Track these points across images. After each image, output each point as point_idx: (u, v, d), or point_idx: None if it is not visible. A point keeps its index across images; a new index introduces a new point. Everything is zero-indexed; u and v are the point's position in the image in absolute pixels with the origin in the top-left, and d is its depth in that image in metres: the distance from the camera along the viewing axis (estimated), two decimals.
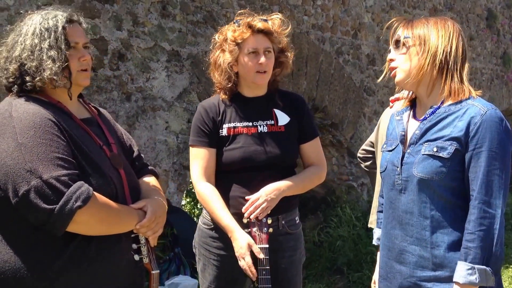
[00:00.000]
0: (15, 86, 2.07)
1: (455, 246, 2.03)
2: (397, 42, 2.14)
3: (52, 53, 2.03)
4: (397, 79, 2.16)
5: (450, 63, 2.06)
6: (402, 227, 2.14)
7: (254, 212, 2.62)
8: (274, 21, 2.78)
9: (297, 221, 2.87)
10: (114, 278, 2.09)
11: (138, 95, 4.94)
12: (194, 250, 2.93)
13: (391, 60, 2.17)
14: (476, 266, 1.93)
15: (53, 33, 2.05)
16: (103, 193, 2.02)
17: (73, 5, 4.53)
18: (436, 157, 2.03)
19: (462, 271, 1.95)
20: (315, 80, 6.70)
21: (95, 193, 1.96)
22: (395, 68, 2.15)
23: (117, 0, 4.82)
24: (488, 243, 1.94)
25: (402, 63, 2.13)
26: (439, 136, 2.05)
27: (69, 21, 2.11)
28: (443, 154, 2.01)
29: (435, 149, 2.03)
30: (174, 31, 5.22)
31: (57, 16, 2.09)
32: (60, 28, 2.06)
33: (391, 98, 3.67)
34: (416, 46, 2.09)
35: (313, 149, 2.87)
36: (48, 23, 2.06)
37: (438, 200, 2.04)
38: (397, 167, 2.15)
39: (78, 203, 1.88)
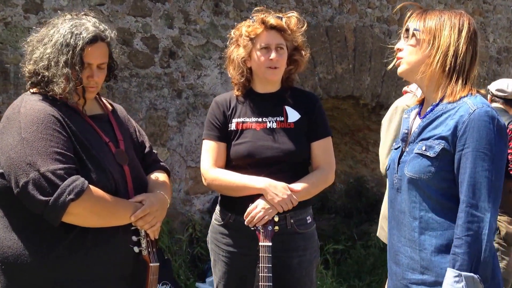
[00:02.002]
0: (30, 82, 2.18)
1: (443, 250, 1.93)
2: (407, 31, 2.06)
3: (66, 71, 2.09)
4: (400, 69, 2.09)
5: (458, 65, 1.96)
6: (398, 227, 2.07)
7: (252, 222, 2.61)
8: (290, 19, 2.78)
9: (309, 221, 2.81)
10: (111, 268, 2.15)
11: (189, 92, 5.00)
12: (208, 245, 2.95)
13: (399, 49, 2.08)
14: (463, 273, 1.82)
15: (71, 51, 2.10)
16: (102, 187, 2.09)
17: (124, 5, 4.67)
18: (424, 156, 1.95)
19: (449, 278, 1.83)
20: (380, 76, 6.48)
21: (90, 186, 2.03)
22: (401, 58, 2.07)
23: None
24: (476, 248, 1.83)
25: (408, 55, 2.04)
26: (432, 135, 1.97)
27: (93, 40, 2.13)
28: (430, 153, 1.94)
29: (423, 148, 1.96)
30: (227, 28, 5.22)
31: (82, 34, 2.12)
32: (78, 48, 2.10)
33: (404, 89, 3.52)
34: (425, 41, 2.00)
35: (321, 148, 2.79)
36: (71, 38, 2.10)
37: (427, 201, 1.96)
38: (396, 166, 2.10)
39: (71, 196, 1.96)
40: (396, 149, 2.17)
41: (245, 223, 2.62)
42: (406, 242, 2.01)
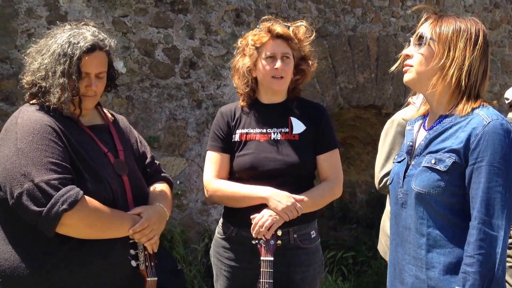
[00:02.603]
0: (29, 93, 2.19)
1: (452, 268, 1.85)
2: (419, 39, 1.95)
3: (62, 80, 2.10)
4: (406, 78, 2.00)
5: (472, 80, 1.90)
6: (403, 244, 1.99)
7: (260, 232, 2.56)
8: (299, 28, 2.73)
9: (313, 235, 2.75)
10: (107, 281, 2.14)
11: (209, 102, 5.03)
12: (211, 259, 2.93)
13: (407, 56, 1.99)
14: None
15: (68, 61, 2.11)
16: (99, 198, 2.08)
17: (147, 16, 4.72)
18: (433, 170, 1.87)
19: None
20: (403, 85, 6.38)
21: (86, 197, 2.02)
22: (410, 66, 1.98)
23: (190, 9, 4.94)
24: (489, 268, 1.76)
25: (418, 65, 1.95)
26: (440, 148, 1.89)
27: (91, 49, 2.13)
28: (440, 167, 1.86)
29: (433, 161, 1.88)
30: None
31: (79, 43, 2.13)
32: (75, 58, 2.11)
33: (408, 100, 3.47)
34: (440, 52, 1.91)
35: (328, 161, 2.74)
36: (68, 48, 2.11)
37: (435, 217, 1.88)
38: (401, 180, 2.02)
39: (64, 206, 1.95)
40: (399, 162, 2.09)
41: (253, 234, 2.56)
42: (411, 260, 1.94)
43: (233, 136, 2.74)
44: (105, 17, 4.54)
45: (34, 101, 2.18)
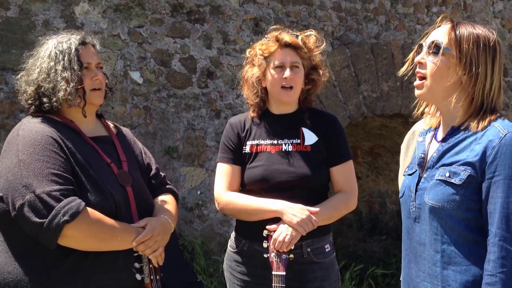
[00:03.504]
0: (33, 107, 2.19)
1: (469, 286, 1.75)
2: (435, 46, 1.83)
3: (66, 74, 2.13)
4: (419, 92, 1.89)
5: (492, 95, 1.81)
6: (416, 260, 1.89)
7: (281, 247, 2.45)
8: (309, 38, 2.65)
9: (327, 249, 2.65)
10: None
11: (228, 112, 4.99)
12: (224, 273, 2.84)
13: (420, 63, 1.87)
14: None
15: (67, 55, 2.15)
16: (101, 209, 2.05)
17: (163, 26, 4.74)
18: (448, 183, 1.78)
19: None
20: None
21: (88, 208, 1.99)
22: (423, 78, 1.86)
23: (207, 19, 4.94)
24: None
25: (432, 78, 1.83)
26: (454, 160, 1.79)
27: (82, 43, 2.21)
28: (455, 180, 1.76)
29: (447, 174, 1.78)
30: None
31: (70, 39, 2.19)
32: (73, 50, 2.16)
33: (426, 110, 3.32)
34: (458, 65, 1.79)
35: (342, 173, 2.64)
36: (62, 46, 2.17)
37: (450, 233, 1.78)
38: (412, 193, 1.91)
39: (65, 218, 1.93)
40: (410, 174, 1.99)
41: (275, 248, 2.45)
42: (426, 277, 1.84)
43: (244, 147, 2.68)
44: (121, 28, 4.57)
45: (36, 114, 2.18)
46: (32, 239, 1.99)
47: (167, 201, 2.36)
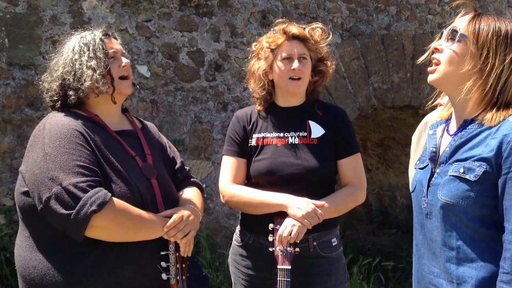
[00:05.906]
0: (58, 102, 2.20)
1: (486, 283, 1.71)
2: (453, 33, 1.80)
3: (92, 63, 2.13)
4: (431, 78, 1.85)
5: (508, 89, 1.76)
6: (429, 256, 1.86)
7: (287, 241, 2.45)
8: (315, 30, 2.64)
9: (334, 243, 2.63)
10: (135, 286, 2.09)
11: (235, 105, 4.99)
12: (229, 267, 2.84)
13: (437, 49, 1.84)
14: None
15: (91, 46, 2.16)
16: (127, 201, 2.04)
17: (171, 20, 4.74)
18: (462, 180, 1.73)
19: None
20: None
21: (114, 198, 1.99)
22: (438, 63, 1.83)
23: (215, 12, 4.92)
24: None
25: (446, 63, 1.80)
26: (469, 156, 1.75)
27: (105, 35, 2.23)
28: (470, 177, 1.71)
29: (462, 170, 1.74)
30: None
31: (93, 32, 2.22)
32: (98, 40, 2.17)
33: (437, 101, 3.25)
34: (474, 55, 1.75)
35: (350, 166, 2.62)
36: (86, 38, 2.19)
37: (465, 229, 1.74)
38: (424, 188, 1.88)
39: (93, 208, 1.91)
40: (422, 168, 1.95)
41: (281, 245, 2.45)
42: (441, 273, 1.81)
43: (250, 140, 2.67)
44: (129, 23, 4.58)
45: (55, 110, 2.19)
46: (57, 234, 1.99)
47: (192, 193, 2.36)
